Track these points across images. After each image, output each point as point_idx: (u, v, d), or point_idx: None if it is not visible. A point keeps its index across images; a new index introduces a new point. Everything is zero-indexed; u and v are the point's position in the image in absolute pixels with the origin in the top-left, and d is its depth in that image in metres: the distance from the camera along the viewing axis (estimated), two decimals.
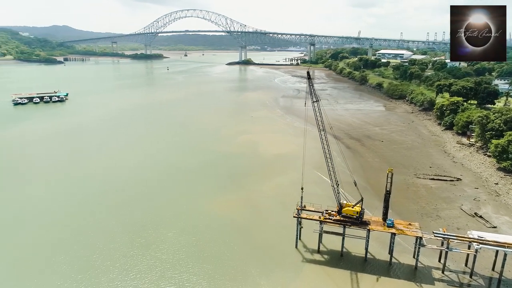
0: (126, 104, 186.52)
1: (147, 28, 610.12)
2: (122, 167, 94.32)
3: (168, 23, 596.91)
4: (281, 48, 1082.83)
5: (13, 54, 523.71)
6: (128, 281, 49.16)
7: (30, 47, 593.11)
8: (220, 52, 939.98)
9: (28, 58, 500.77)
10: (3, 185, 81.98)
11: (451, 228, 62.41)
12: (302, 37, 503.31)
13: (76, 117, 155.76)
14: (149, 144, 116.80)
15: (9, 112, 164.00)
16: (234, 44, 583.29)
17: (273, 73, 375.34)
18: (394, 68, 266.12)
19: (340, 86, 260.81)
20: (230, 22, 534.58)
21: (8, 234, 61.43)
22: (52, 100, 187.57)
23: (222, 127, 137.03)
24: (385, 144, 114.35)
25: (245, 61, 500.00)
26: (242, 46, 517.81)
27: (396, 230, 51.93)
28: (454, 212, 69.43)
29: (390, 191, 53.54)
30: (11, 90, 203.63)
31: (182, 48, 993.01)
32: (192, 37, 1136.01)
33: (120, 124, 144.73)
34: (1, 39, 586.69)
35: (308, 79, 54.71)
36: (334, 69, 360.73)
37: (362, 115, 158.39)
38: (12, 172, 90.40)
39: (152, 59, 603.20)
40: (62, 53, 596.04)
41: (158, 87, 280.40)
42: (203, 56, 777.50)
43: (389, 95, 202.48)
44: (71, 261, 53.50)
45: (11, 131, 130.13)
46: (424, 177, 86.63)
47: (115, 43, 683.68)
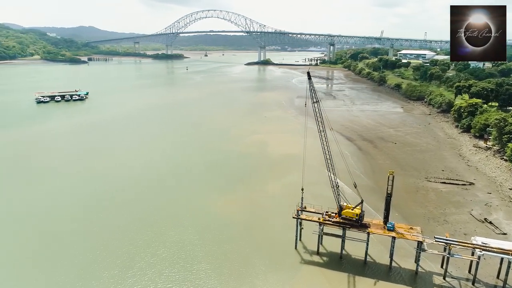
0: (142, 104, 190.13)
1: (168, 29, 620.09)
2: (132, 164, 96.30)
3: (189, 24, 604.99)
4: (302, 48, 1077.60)
5: (40, 54, 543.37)
6: (128, 278, 50.05)
7: (57, 47, 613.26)
8: (240, 52, 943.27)
9: (54, 58, 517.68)
10: (17, 180, 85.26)
11: (458, 233, 60.67)
12: (321, 37, 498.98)
13: (94, 115, 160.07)
14: (161, 142, 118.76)
15: (31, 110, 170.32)
16: (254, 45, 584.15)
17: (291, 73, 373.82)
18: (415, 68, 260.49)
19: (358, 87, 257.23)
20: (250, 22, 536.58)
21: (15, 226, 63.93)
22: (73, 99, 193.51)
23: (234, 127, 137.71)
24: (398, 146, 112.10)
25: (264, 61, 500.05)
26: (261, 46, 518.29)
27: (396, 234, 50.89)
28: (463, 217, 67.37)
29: (391, 194, 52.53)
30: (36, 89, 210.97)
31: (203, 48, 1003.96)
32: (213, 38, 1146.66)
33: (134, 123, 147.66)
34: (30, 40, 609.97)
35: (308, 79, 53.92)
36: (353, 69, 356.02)
37: (377, 117, 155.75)
38: (26, 167, 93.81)
39: (173, 59, 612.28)
40: (86, 53, 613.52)
41: (176, 87, 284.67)
42: (223, 56, 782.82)
43: (407, 96, 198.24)
44: (74, 256, 55.13)
45: (31, 128, 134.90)
46: (435, 181, 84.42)
47: (137, 43, 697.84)
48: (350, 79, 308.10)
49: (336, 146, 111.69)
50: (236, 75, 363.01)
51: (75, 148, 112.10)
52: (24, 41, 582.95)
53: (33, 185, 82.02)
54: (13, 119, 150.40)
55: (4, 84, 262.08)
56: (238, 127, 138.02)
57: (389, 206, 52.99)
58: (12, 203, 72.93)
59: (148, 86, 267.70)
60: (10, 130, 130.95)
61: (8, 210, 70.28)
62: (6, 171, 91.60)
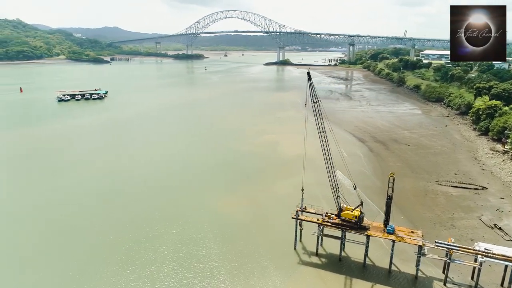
0: (158, 103, 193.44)
1: (189, 29, 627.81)
2: (144, 162, 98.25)
3: (209, 24, 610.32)
4: (323, 48, 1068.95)
5: (65, 54, 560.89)
6: (128, 274, 51.05)
7: (82, 47, 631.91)
8: (260, 52, 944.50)
9: (78, 58, 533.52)
10: (34, 174, 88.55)
11: (464, 239, 58.95)
12: (341, 37, 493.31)
13: (110, 113, 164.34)
14: (174, 141, 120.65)
15: (52, 108, 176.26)
16: (274, 45, 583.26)
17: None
18: (436, 69, 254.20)
19: (376, 88, 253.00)
20: (269, 22, 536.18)
21: (27, 216, 66.50)
22: (92, 98, 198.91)
23: (246, 127, 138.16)
24: (411, 148, 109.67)
25: (283, 61, 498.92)
26: (280, 46, 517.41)
27: (395, 237, 49.91)
28: (471, 222, 65.33)
29: (391, 196, 51.59)
30: (58, 88, 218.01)
31: (223, 48, 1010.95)
32: (233, 38, 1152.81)
33: (149, 121, 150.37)
34: (56, 40, 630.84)
35: (308, 80, 53.65)
36: (372, 70, 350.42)
37: (393, 118, 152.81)
38: (41, 163, 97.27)
39: (193, 59, 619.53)
40: (109, 53, 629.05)
41: (193, 87, 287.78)
42: (243, 56, 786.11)
43: (425, 97, 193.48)
44: (78, 250, 56.83)
45: (49, 126, 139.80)
46: (446, 184, 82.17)
47: (158, 44, 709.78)
48: (369, 80, 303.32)
49: (348, 147, 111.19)
50: (253, 75, 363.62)
51: (89, 145, 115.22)
52: (51, 42, 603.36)
53: (48, 180, 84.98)
54: (35, 116, 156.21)
55: (30, 82, 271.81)
56: (251, 127, 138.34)
57: (389, 208, 52.00)
58: (27, 195, 75.83)
59: (166, 86, 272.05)
60: (30, 127, 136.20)
61: (21, 202, 73.11)
62: (22, 165, 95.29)
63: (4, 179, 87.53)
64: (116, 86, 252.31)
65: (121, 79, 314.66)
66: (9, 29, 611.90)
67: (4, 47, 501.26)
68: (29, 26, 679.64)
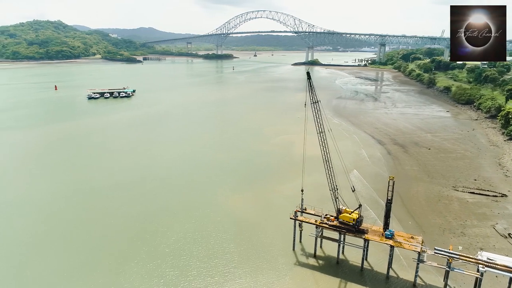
0: (182, 101, 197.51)
1: (219, 29, 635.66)
2: (161, 159, 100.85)
3: (239, 24, 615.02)
4: (355, 48, 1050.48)
5: (101, 53, 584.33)
6: (129, 268, 52.82)
7: (117, 47, 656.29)
8: (290, 52, 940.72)
9: (112, 57, 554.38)
10: (56, 167, 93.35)
11: (473, 247, 56.35)
12: (372, 37, 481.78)
13: (135, 111, 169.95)
14: (192, 138, 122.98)
15: (81, 105, 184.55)
16: (304, 45, 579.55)
17: (337, 74, 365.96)
18: (469, 70, 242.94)
19: (404, 89, 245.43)
20: (299, 22, 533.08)
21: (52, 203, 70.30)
22: (120, 96, 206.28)
23: (265, 126, 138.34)
24: (431, 152, 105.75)
25: (311, 61, 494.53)
26: (309, 46, 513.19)
27: (393, 242, 48.54)
28: (484, 230, 62.27)
29: (391, 200, 50.20)
30: (90, 86, 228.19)
31: (254, 48, 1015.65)
32: (264, 38, 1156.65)
33: (170, 120, 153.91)
34: (94, 40, 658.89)
35: (308, 80, 53.25)
36: (403, 71, 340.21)
37: (417, 120, 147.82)
38: (64, 155, 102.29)
39: (222, 59, 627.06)
40: (142, 53, 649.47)
41: (218, 86, 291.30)
42: (272, 56, 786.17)
43: (455, 99, 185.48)
44: (85, 241, 59.44)
45: (74, 123, 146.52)
46: (463, 190, 78.67)
47: (190, 44, 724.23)
48: (398, 81, 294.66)
49: (366, 149, 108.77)
50: (279, 75, 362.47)
51: (110, 141, 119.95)
52: (88, 42, 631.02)
53: (70, 172, 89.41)
54: (64, 113, 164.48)
55: (65, 81, 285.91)
56: (269, 126, 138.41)
57: (389, 212, 50.62)
58: (40, 188, 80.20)
59: (192, 85, 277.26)
60: (57, 124, 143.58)
61: (33, 195, 77.35)
62: (42, 159, 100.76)
63: (30, 169, 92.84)
64: (145, 84, 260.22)
65: (150, 78, 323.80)
66: (50, 30, 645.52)
67: (45, 47, 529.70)
68: (69, 27, 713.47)
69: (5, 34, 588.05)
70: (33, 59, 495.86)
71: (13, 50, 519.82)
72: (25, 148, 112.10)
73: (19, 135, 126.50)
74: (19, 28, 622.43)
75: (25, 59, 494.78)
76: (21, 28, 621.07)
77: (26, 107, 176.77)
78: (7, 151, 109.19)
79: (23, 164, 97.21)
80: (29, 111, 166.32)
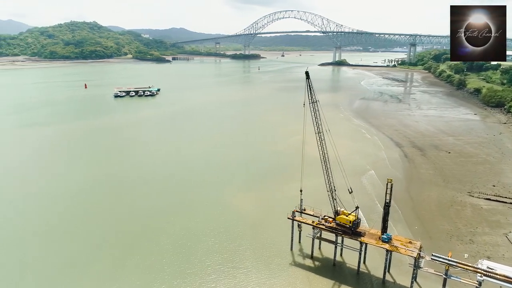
0: (204, 101, 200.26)
1: (247, 30, 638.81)
2: (175, 157, 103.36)
3: (267, 25, 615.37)
4: (386, 49, 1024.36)
5: (132, 53, 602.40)
6: (128, 261, 54.60)
7: (148, 47, 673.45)
8: (319, 53, 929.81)
9: (143, 57, 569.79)
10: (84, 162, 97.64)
11: (480, 255, 53.95)
12: (402, 37, 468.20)
13: (155, 110, 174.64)
14: (205, 138, 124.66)
15: (106, 103, 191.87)
16: (332, 45, 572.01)
17: (364, 74, 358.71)
18: (503, 71, 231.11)
19: (432, 91, 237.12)
20: (327, 22, 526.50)
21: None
22: (145, 94, 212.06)
23: (281, 127, 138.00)
24: (451, 156, 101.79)
25: (339, 62, 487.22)
26: (337, 46, 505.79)
27: (389, 246, 47.36)
28: (495, 238, 59.46)
29: (389, 203, 48.83)
30: (118, 84, 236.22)
31: (282, 48, 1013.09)
32: (293, 38, 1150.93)
33: (189, 118, 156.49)
34: (126, 40, 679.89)
35: (306, 79, 52.98)
36: (433, 71, 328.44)
37: (441, 123, 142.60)
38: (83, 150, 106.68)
39: (250, 59, 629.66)
40: (172, 53, 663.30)
41: (241, 85, 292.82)
42: (300, 56, 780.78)
43: (485, 102, 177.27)
44: (92, 233, 61.95)
45: (97, 121, 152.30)
46: (479, 196, 75.32)
47: (218, 44, 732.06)
48: (427, 82, 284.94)
49: (381, 151, 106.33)
50: (303, 75, 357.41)
51: (128, 138, 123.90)
52: (121, 42, 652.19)
53: (87, 166, 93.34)
54: (89, 111, 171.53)
55: (96, 79, 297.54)
56: (286, 127, 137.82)
57: (386, 216, 49.35)
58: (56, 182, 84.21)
59: (216, 84, 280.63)
60: (82, 121, 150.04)
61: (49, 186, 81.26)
62: (66, 151, 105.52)
63: (54, 160, 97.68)
64: (171, 84, 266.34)
65: (176, 77, 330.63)
66: (86, 30, 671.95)
67: (80, 47, 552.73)
68: (103, 28, 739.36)
69: (44, 35, 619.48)
70: (68, 59, 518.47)
71: (50, 50, 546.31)
72: (52, 142, 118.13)
73: (47, 131, 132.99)
74: (58, 29, 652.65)
75: (61, 58, 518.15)
76: (59, 29, 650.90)
77: (55, 104, 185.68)
78: (34, 146, 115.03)
79: (49, 157, 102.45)
80: (57, 108, 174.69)
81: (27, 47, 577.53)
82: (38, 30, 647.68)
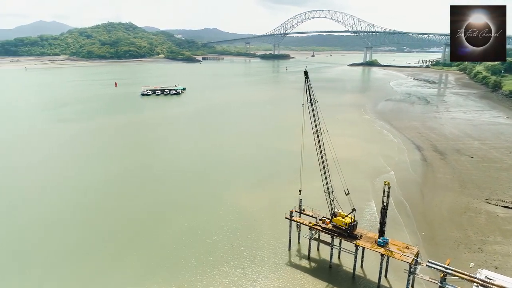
0: (226, 100, 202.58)
1: (277, 30, 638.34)
2: (189, 155, 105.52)
3: (297, 24, 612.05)
4: (422, 49, 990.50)
5: (164, 53, 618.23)
6: (128, 253, 56.65)
7: (180, 47, 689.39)
8: (351, 53, 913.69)
9: (174, 57, 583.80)
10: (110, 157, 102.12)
11: (487, 265, 51.53)
12: (436, 37, 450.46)
13: (180, 108, 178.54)
14: (225, 136, 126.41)
15: (133, 101, 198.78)
16: (364, 45, 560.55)
17: (394, 75, 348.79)
18: None
19: (464, 93, 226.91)
20: (358, 21, 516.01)
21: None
22: (170, 93, 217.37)
23: (298, 127, 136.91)
24: (473, 160, 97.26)
25: (369, 62, 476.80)
26: (368, 46, 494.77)
27: (384, 251, 46.20)
28: (506, 248, 56.42)
29: (386, 207, 47.66)
30: (147, 83, 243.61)
31: (313, 49, 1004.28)
32: (324, 38, 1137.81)
33: (208, 117, 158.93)
34: (159, 41, 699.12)
35: (305, 79, 52.76)
36: (468, 73, 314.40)
37: (468, 126, 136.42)
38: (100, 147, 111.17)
39: (279, 59, 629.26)
40: (203, 53, 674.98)
41: (267, 85, 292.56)
42: (331, 56, 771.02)
43: None
44: (98, 224, 64.70)
45: (119, 118, 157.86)
46: (496, 203, 71.62)
47: (248, 44, 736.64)
48: (460, 84, 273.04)
49: (400, 154, 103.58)
50: (332, 76, 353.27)
51: (146, 136, 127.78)
52: (154, 42, 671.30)
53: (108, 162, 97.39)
54: (115, 108, 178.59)
55: (127, 78, 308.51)
56: (305, 127, 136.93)
57: (384, 220, 48.13)
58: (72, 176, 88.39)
59: (242, 84, 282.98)
60: (107, 118, 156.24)
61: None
62: (84, 150, 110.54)
63: (83, 156, 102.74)
64: (197, 83, 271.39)
65: (204, 77, 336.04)
66: (121, 31, 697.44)
67: (115, 47, 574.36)
68: (138, 29, 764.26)
69: (83, 35, 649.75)
70: (104, 58, 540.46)
71: (88, 49, 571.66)
72: (76, 138, 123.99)
73: (77, 126, 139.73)
74: (95, 29, 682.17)
75: (97, 58, 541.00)
76: (97, 30, 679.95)
77: (85, 102, 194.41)
78: (61, 142, 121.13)
79: (79, 151, 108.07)
80: (86, 106, 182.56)
81: (67, 47, 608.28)
82: (77, 31, 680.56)
